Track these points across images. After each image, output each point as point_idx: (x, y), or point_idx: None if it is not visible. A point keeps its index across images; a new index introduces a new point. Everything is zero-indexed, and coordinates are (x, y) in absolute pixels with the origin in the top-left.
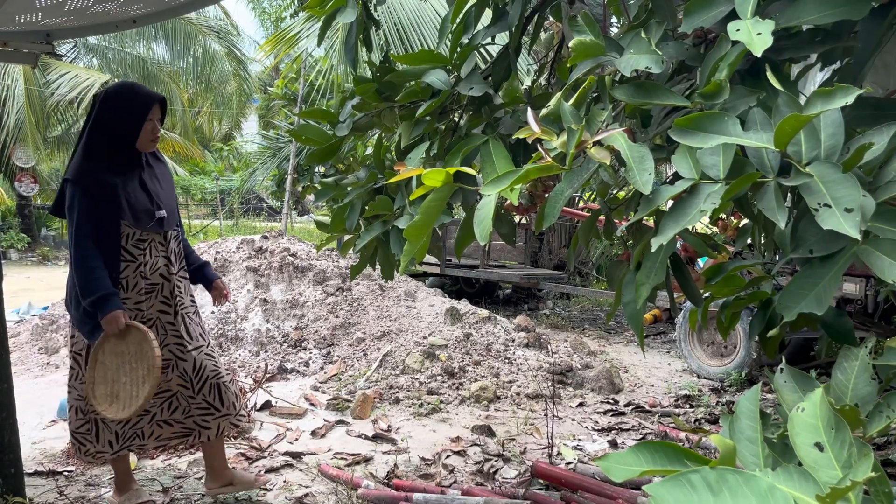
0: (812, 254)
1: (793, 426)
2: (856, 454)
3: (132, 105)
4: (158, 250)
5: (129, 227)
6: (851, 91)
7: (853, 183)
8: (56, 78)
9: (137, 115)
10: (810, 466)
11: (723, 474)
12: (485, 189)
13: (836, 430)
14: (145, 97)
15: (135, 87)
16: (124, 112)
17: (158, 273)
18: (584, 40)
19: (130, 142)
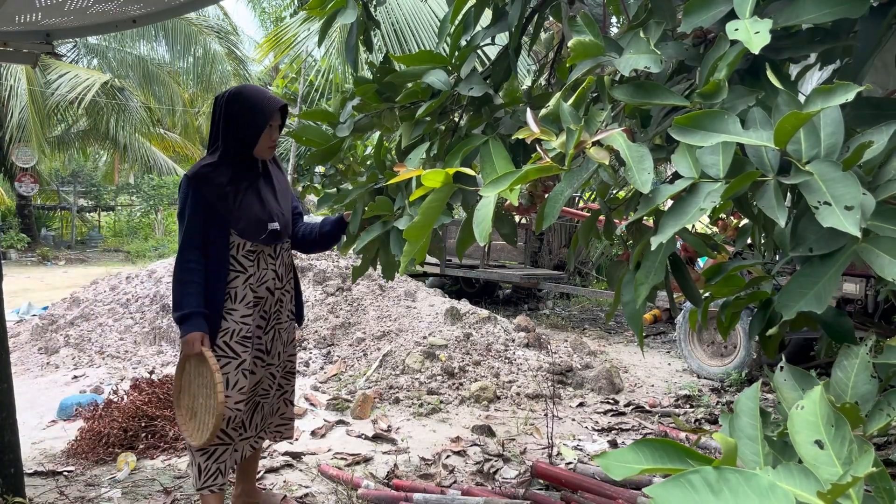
0: (812, 252)
1: (793, 424)
2: (856, 451)
3: (254, 110)
4: (268, 263)
5: (239, 237)
6: (851, 88)
7: (853, 181)
8: (56, 78)
9: (259, 119)
10: (811, 464)
11: (723, 473)
12: (484, 190)
13: (835, 427)
14: (268, 102)
15: (258, 91)
16: (245, 116)
17: (265, 287)
18: (583, 40)
19: (249, 147)
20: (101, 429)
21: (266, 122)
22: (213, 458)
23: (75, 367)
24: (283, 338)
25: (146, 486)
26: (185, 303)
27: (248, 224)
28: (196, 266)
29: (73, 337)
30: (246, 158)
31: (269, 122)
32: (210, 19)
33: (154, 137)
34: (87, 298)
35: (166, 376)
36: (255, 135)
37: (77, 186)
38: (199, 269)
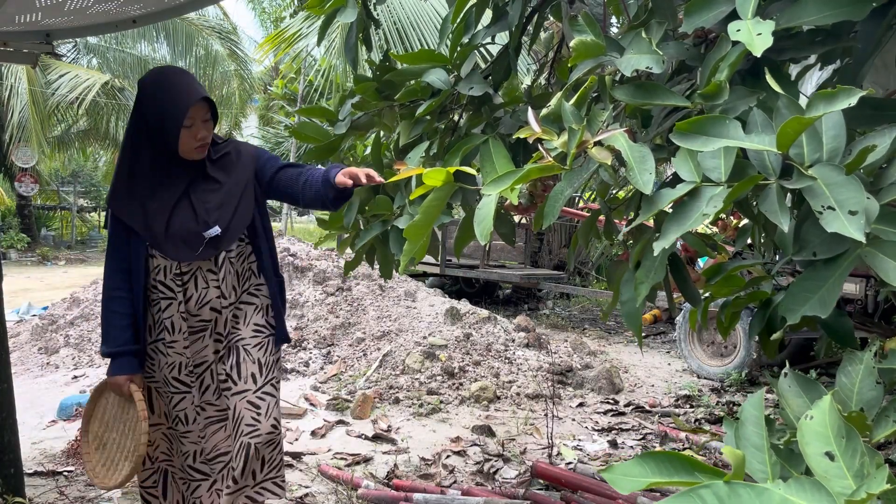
0: (815, 256)
1: (802, 435)
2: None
3: (166, 106)
4: (208, 280)
5: (168, 259)
6: (854, 93)
7: (857, 185)
8: (56, 78)
9: (172, 117)
10: (822, 476)
11: (734, 488)
12: (485, 189)
13: (846, 438)
14: (182, 95)
15: (174, 80)
16: (157, 113)
17: (209, 307)
18: (584, 40)
19: (169, 149)
20: None
21: (181, 121)
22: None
23: (75, 367)
24: (255, 354)
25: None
26: (112, 337)
27: (174, 243)
28: (124, 294)
29: (73, 337)
30: (169, 164)
31: (185, 123)
32: (211, 19)
33: None
34: (87, 298)
35: None
36: (171, 136)
37: (77, 186)
38: (126, 298)
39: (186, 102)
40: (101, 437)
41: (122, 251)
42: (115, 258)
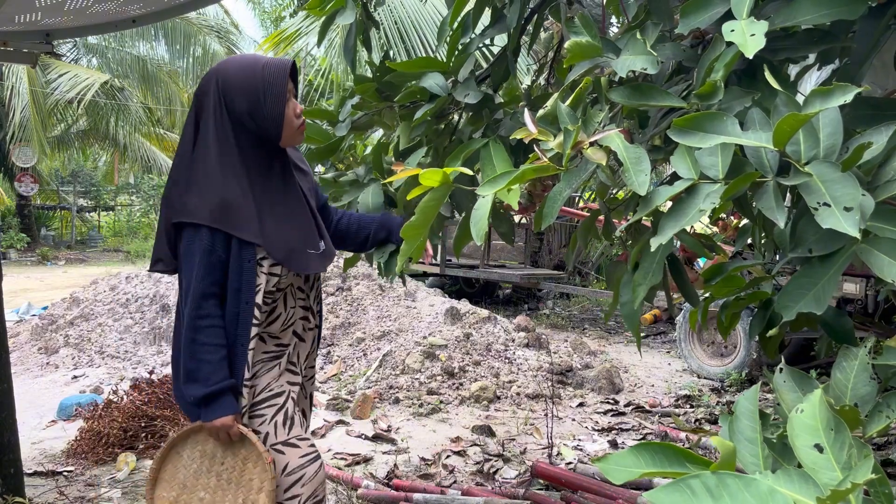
0: (811, 253)
1: (792, 427)
2: (855, 455)
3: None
4: (296, 298)
5: (274, 274)
6: (850, 90)
7: (852, 182)
8: (56, 77)
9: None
10: (810, 468)
11: (723, 478)
12: (481, 189)
13: (835, 431)
14: (275, 66)
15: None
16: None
17: (291, 331)
18: (580, 41)
19: (274, 138)
20: (101, 429)
21: (285, 93)
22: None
23: (75, 367)
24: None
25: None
26: (204, 375)
27: (287, 251)
28: (216, 323)
29: (73, 337)
30: (269, 155)
31: (287, 93)
32: (210, 19)
33: (154, 137)
34: (87, 298)
35: (166, 376)
36: (277, 117)
37: (77, 186)
38: (219, 327)
39: (283, 69)
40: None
41: (216, 272)
42: (207, 281)
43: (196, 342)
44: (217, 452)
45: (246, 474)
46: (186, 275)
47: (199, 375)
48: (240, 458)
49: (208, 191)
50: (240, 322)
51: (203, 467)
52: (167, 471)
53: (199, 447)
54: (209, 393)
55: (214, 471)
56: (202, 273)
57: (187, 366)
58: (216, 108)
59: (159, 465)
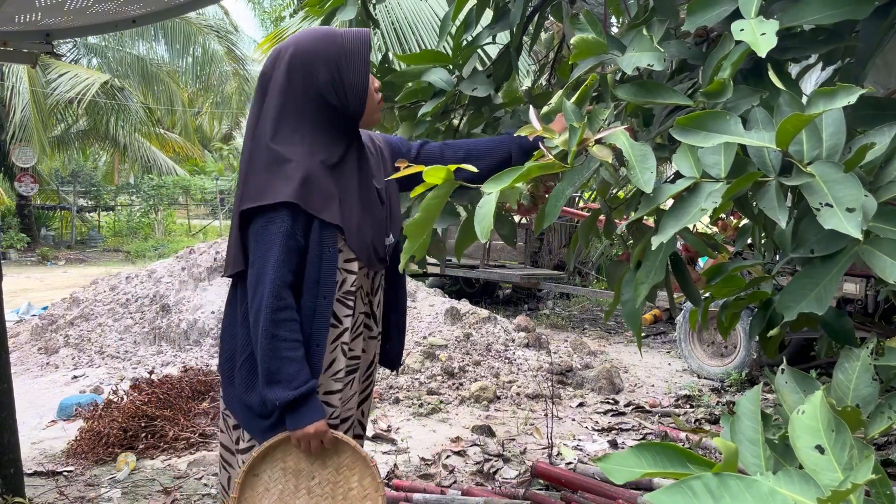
0: (813, 253)
1: (793, 429)
2: (857, 456)
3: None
4: (363, 302)
5: (350, 271)
6: (854, 91)
7: (855, 183)
8: (56, 77)
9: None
10: (811, 469)
11: (724, 480)
12: (486, 187)
13: (836, 432)
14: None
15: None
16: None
17: (362, 337)
18: (586, 38)
19: (355, 119)
20: (101, 429)
21: (368, 62)
22: None
23: (75, 368)
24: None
25: (146, 487)
26: (288, 375)
27: (363, 245)
28: (294, 316)
29: (73, 337)
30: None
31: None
32: (210, 19)
33: (154, 137)
34: (87, 298)
35: (166, 376)
36: (361, 88)
37: (77, 186)
38: (296, 321)
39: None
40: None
41: (294, 260)
42: (285, 269)
43: (277, 338)
44: (302, 466)
45: (342, 485)
46: (258, 263)
47: (282, 377)
48: (332, 468)
49: (288, 168)
50: (316, 318)
51: (290, 486)
52: (247, 499)
53: (280, 465)
54: (298, 396)
55: (304, 487)
56: (281, 258)
57: (268, 366)
58: (291, 83)
59: (239, 495)
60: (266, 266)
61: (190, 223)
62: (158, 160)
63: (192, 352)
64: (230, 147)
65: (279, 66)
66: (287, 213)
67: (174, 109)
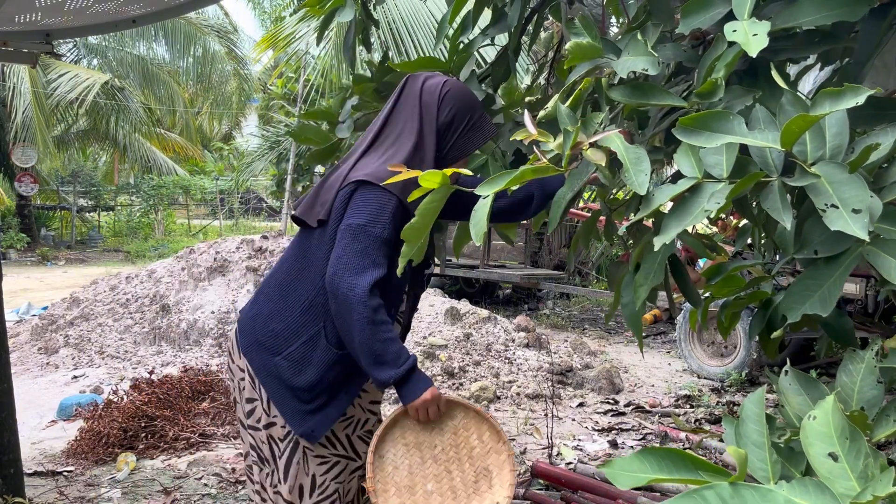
0: (817, 254)
1: (805, 435)
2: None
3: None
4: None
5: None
6: (861, 91)
7: (861, 184)
8: (56, 77)
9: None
10: (825, 477)
11: (739, 490)
12: (480, 189)
13: (850, 440)
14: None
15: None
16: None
17: None
18: (581, 42)
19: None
20: (101, 429)
21: (484, 140)
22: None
23: (75, 367)
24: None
25: (146, 487)
26: (393, 353)
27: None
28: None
29: (73, 337)
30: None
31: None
32: (210, 19)
33: (154, 137)
34: (87, 298)
35: (166, 376)
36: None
37: (77, 186)
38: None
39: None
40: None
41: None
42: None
43: (376, 322)
44: (422, 439)
45: (464, 445)
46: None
47: (388, 357)
48: (449, 433)
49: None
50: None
51: (416, 460)
52: (380, 481)
53: (401, 441)
54: (407, 370)
55: (430, 457)
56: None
57: (373, 349)
58: (431, 108)
59: (373, 475)
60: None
61: (190, 223)
62: (158, 160)
63: (192, 352)
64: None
65: (433, 91)
66: (397, 202)
67: (174, 109)
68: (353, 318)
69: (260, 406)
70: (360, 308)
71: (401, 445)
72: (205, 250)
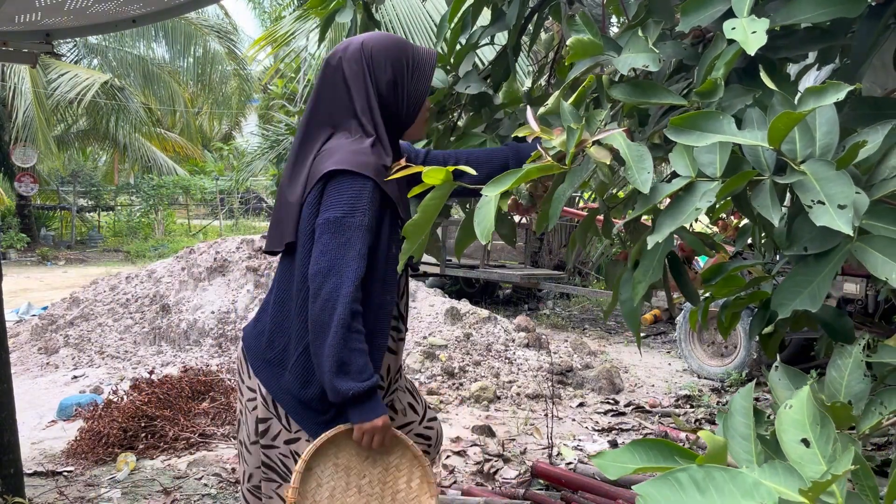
0: (806, 251)
1: (780, 422)
2: (840, 449)
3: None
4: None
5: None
6: (842, 88)
7: (846, 180)
8: (56, 77)
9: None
10: (796, 462)
11: (710, 472)
12: (486, 189)
13: (821, 426)
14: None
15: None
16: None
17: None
18: (581, 39)
19: (405, 119)
20: (101, 429)
21: (431, 76)
22: None
23: (75, 367)
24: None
25: (146, 487)
26: (358, 367)
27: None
28: (361, 310)
29: (73, 337)
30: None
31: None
32: (210, 19)
33: (154, 137)
34: (87, 298)
35: (166, 376)
36: (419, 96)
37: (77, 186)
38: (361, 315)
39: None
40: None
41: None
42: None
43: (351, 329)
44: (353, 464)
45: (390, 485)
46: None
47: (352, 368)
48: (381, 467)
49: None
50: (381, 315)
51: (341, 483)
52: (299, 494)
53: (332, 461)
54: (365, 389)
55: (354, 485)
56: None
57: (340, 356)
58: (362, 74)
59: (297, 486)
60: (346, 256)
61: (190, 223)
62: (158, 160)
63: (192, 352)
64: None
65: (349, 57)
66: (373, 185)
67: (175, 109)
68: (332, 319)
69: (277, 423)
70: (341, 310)
71: (331, 464)
72: (205, 250)
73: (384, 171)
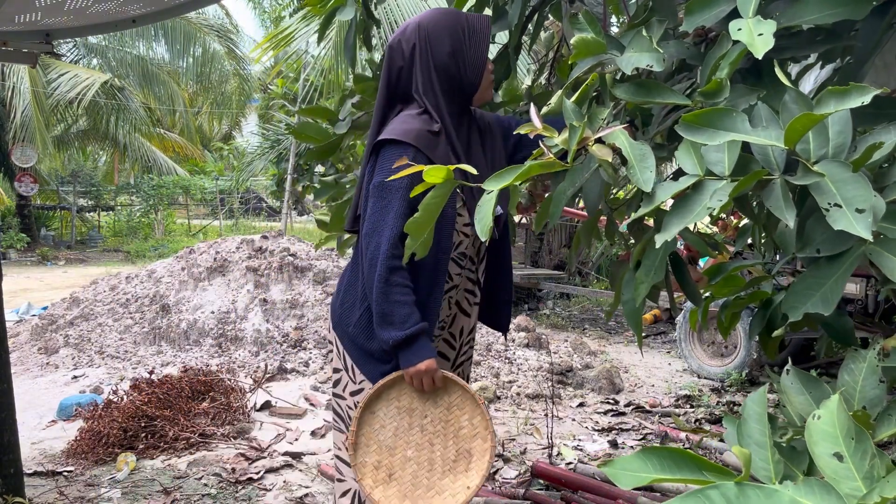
0: (819, 253)
1: (810, 435)
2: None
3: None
4: (464, 268)
5: (465, 234)
6: (867, 91)
7: (864, 183)
8: (56, 77)
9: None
10: (831, 478)
11: (744, 490)
12: (487, 185)
13: (856, 440)
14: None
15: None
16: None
17: (456, 302)
18: (585, 37)
19: (469, 94)
20: (101, 429)
21: (488, 40)
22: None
23: (75, 367)
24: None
25: (146, 487)
26: (401, 316)
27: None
28: (406, 266)
29: (73, 337)
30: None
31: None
32: (210, 18)
33: (154, 137)
34: (87, 298)
35: (166, 376)
36: (480, 62)
37: (77, 186)
38: (407, 271)
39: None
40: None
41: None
42: (398, 216)
43: (390, 283)
44: (415, 405)
45: (453, 423)
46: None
47: (394, 318)
48: (443, 407)
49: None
50: (436, 274)
51: (403, 423)
52: (364, 434)
53: (395, 403)
54: (409, 335)
55: (417, 425)
56: (403, 208)
57: (382, 308)
58: (420, 52)
59: (357, 429)
60: (387, 212)
61: (190, 223)
62: (158, 160)
63: (192, 352)
64: (230, 147)
65: (410, 39)
66: (413, 151)
67: (174, 109)
68: (374, 276)
69: (346, 374)
70: (380, 267)
71: (393, 406)
72: (205, 250)
73: (429, 136)
